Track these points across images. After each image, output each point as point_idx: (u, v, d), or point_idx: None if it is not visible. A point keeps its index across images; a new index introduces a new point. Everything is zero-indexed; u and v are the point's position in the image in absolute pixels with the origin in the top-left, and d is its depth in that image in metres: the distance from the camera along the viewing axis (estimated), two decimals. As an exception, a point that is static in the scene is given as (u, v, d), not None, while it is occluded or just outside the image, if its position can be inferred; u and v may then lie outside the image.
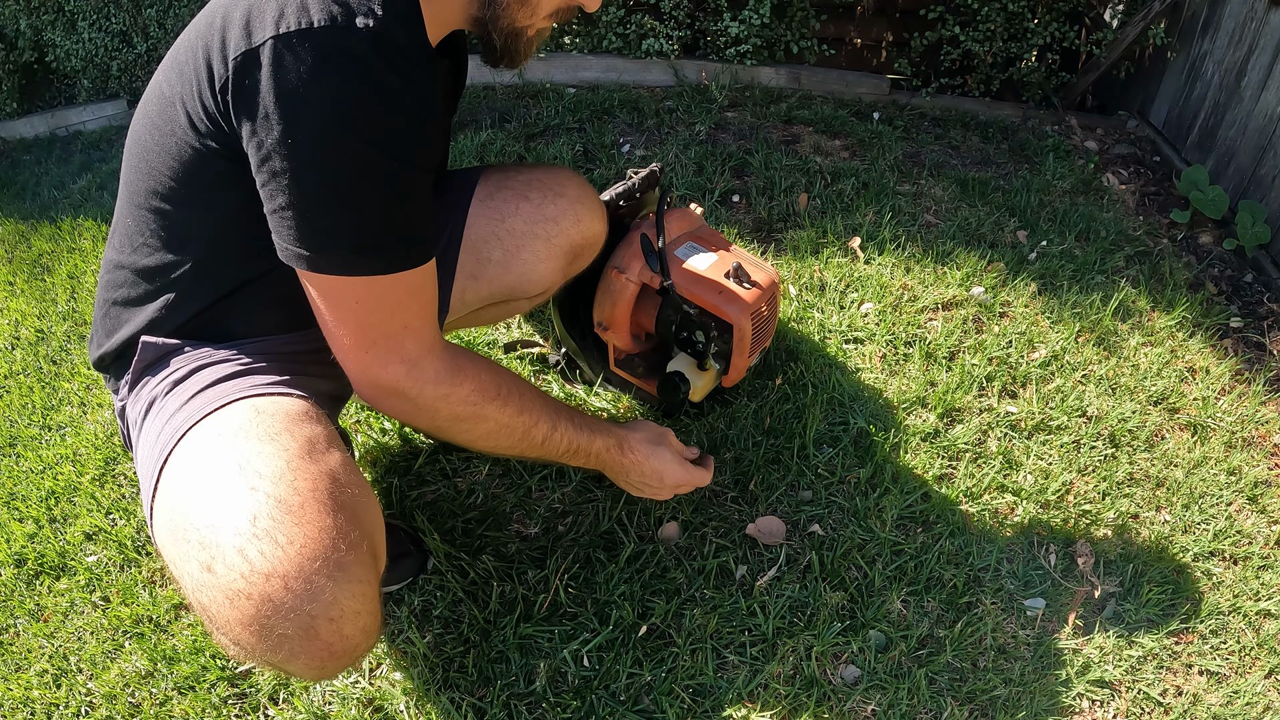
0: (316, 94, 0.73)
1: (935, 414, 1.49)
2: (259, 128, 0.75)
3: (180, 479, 0.80)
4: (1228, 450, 1.50)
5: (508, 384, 0.98)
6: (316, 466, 0.78)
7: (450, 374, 0.91)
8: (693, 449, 1.25)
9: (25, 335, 1.99)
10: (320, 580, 0.72)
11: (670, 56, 2.62)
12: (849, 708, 1.11)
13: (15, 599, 1.33)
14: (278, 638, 0.72)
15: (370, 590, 0.77)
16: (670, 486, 1.19)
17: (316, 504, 0.75)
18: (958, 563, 1.28)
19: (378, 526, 0.83)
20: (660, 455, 1.15)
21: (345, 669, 0.83)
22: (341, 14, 0.73)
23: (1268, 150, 2.00)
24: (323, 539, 0.73)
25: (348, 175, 0.76)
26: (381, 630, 0.83)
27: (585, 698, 1.11)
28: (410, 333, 0.88)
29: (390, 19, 0.75)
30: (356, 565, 0.75)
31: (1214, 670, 1.20)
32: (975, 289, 1.77)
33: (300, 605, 0.71)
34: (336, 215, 0.78)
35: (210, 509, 0.74)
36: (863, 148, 2.33)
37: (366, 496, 0.82)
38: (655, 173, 1.38)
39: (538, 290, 1.21)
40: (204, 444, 0.81)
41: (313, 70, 0.72)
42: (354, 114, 0.74)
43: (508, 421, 0.97)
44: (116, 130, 3.29)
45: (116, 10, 3.21)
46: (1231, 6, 2.17)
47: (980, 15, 2.48)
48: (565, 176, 1.20)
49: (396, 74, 0.75)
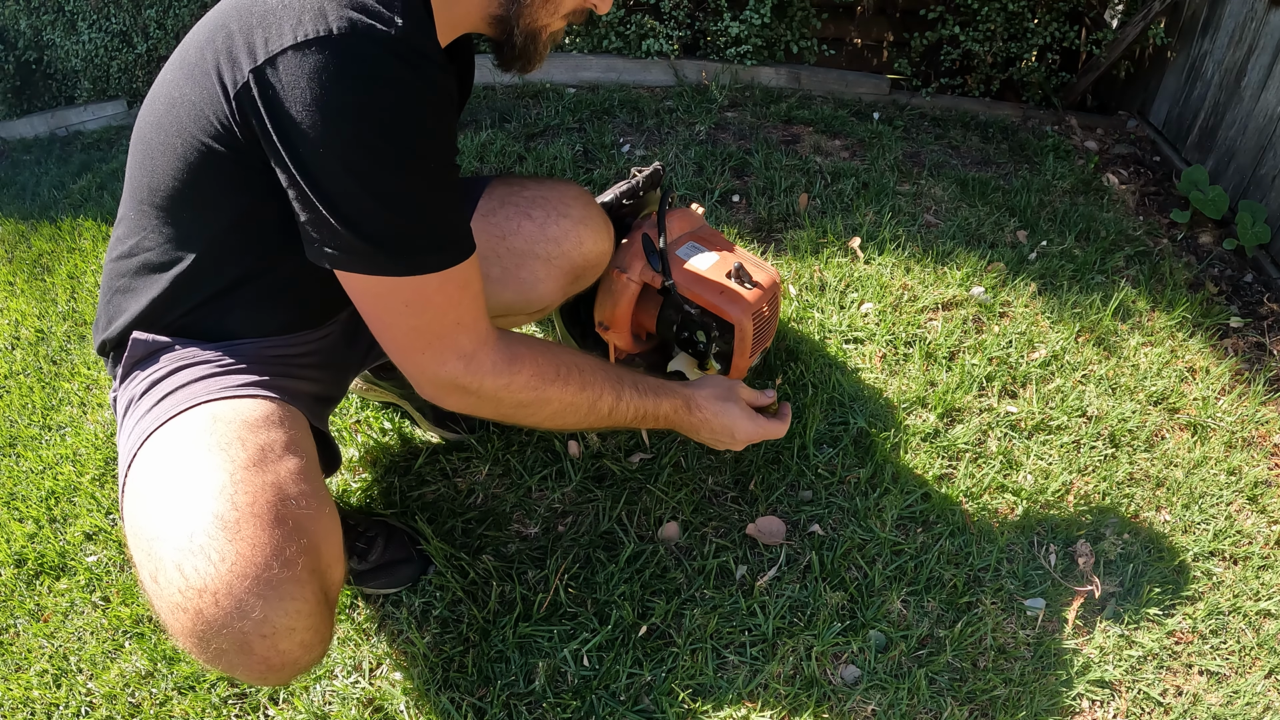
0: (343, 101, 0.72)
1: (935, 414, 1.49)
2: (286, 137, 0.74)
3: (137, 485, 0.82)
4: (1228, 450, 1.51)
5: (566, 362, 0.98)
6: (262, 478, 0.79)
7: (508, 363, 0.91)
8: (768, 394, 1.21)
9: (25, 335, 1.99)
10: (249, 599, 0.73)
11: (670, 56, 2.62)
12: (849, 708, 1.11)
13: (15, 599, 1.33)
14: (215, 651, 0.74)
15: (308, 607, 0.77)
16: (742, 440, 1.16)
17: (254, 519, 0.75)
18: (958, 563, 1.28)
19: (328, 537, 0.82)
20: (729, 411, 1.13)
21: (295, 677, 0.83)
22: (361, 21, 0.73)
23: (1268, 150, 2.00)
24: (255, 556, 0.74)
25: (384, 180, 0.76)
26: (328, 642, 0.83)
27: (585, 697, 1.11)
28: (463, 328, 0.88)
29: (409, 25, 0.75)
30: (291, 583, 0.75)
31: (1214, 670, 1.20)
32: (975, 289, 1.77)
33: (231, 622, 0.73)
34: (377, 221, 0.77)
35: (156, 520, 0.77)
36: (863, 148, 2.33)
37: (317, 507, 0.82)
38: (658, 171, 1.38)
39: (536, 308, 1.20)
40: (159, 451, 0.83)
41: (336, 78, 0.72)
42: (382, 119, 0.74)
43: (571, 399, 0.98)
44: (116, 130, 3.29)
45: (116, 10, 3.21)
46: (1231, 6, 2.17)
47: (980, 15, 2.48)
48: (571, 195, 1.18)
49: (420, 77, 0.75)
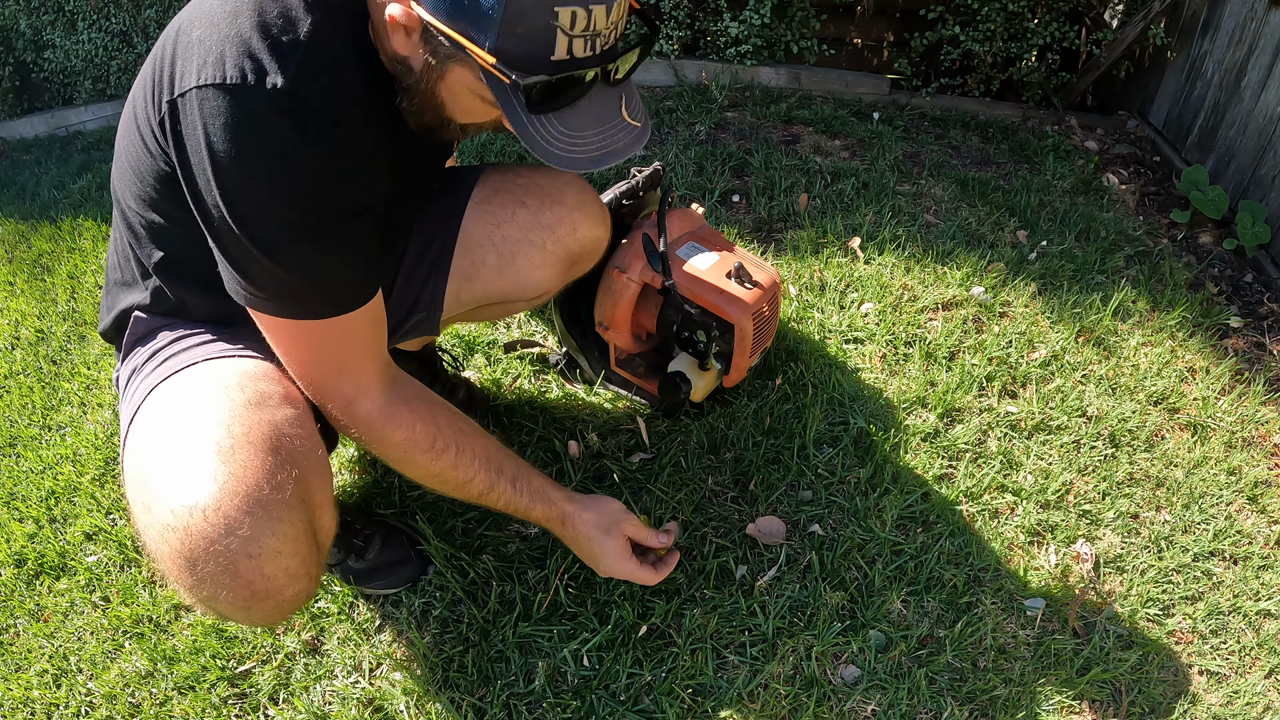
0: (229, 152, 0.74)
1: (935, 414, 1.49)
2: (186, 173, 0.78)
3: (139, 433, 0.86)
4: (1228, 450, 1.50)
5: (448, 437, 0.98)
6: (259, 415, 0.82)
7: (384, 420, 0.94)
8: (663, 536, 1.14)
9: (25, 335, 1.99)
10: (238, 515, 0.75)
11: (670, 56, 2.62)
12: (849, 708, 1.11)
13: (15, 599, 1.33)
14: (201, 575, 0.76)
15: (294, 531, 0.79)
16: (604, 573, 1.13)
17: (249, 445, 0.78)
18: (958, 563, 1.28)
19: (319, 477, 0.85)
20: (601, 542, 1.08)
21: (280, 615, 0.84)
22: (253, 72, 0.74)
23: (1268, 150, 2.00)
24: (247, 477, 0.76)
25: (262, 230, 0.78)
26: (314, 581, 0.85)
27: (585, 697, 1.11)
28: (345, 373, 0.91)
29: (299, 79, 0.75)
30: (280, 506, 0.78)
31: (1214, 670, 1.20)
32: (975, 289, 1.77)
33: (219, 538, 0.75)
34: (260, 269, 0.80)
35: (155, 455, 0.81)
36: (863, 148, 2.33)
37: (310, 448, 0.85)
38: (658, 171, 1.38)
39: (534, 295, 1.21)
40: (162, 400, 0.87)
41: (224, 128, 0.74)
42: (262, 174, 0.76)
43: (439, 473, 0.99)
44: (116, 130, 3.29)
45: (116, 10, 3.21)
46: (1231, 6, 2.17)
47: (980, 15, 2.48)
48: (565, 181, 1.18)
49: (302, 133, 0.76)
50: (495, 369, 1.60)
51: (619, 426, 1.47)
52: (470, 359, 1.63)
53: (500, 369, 1.60)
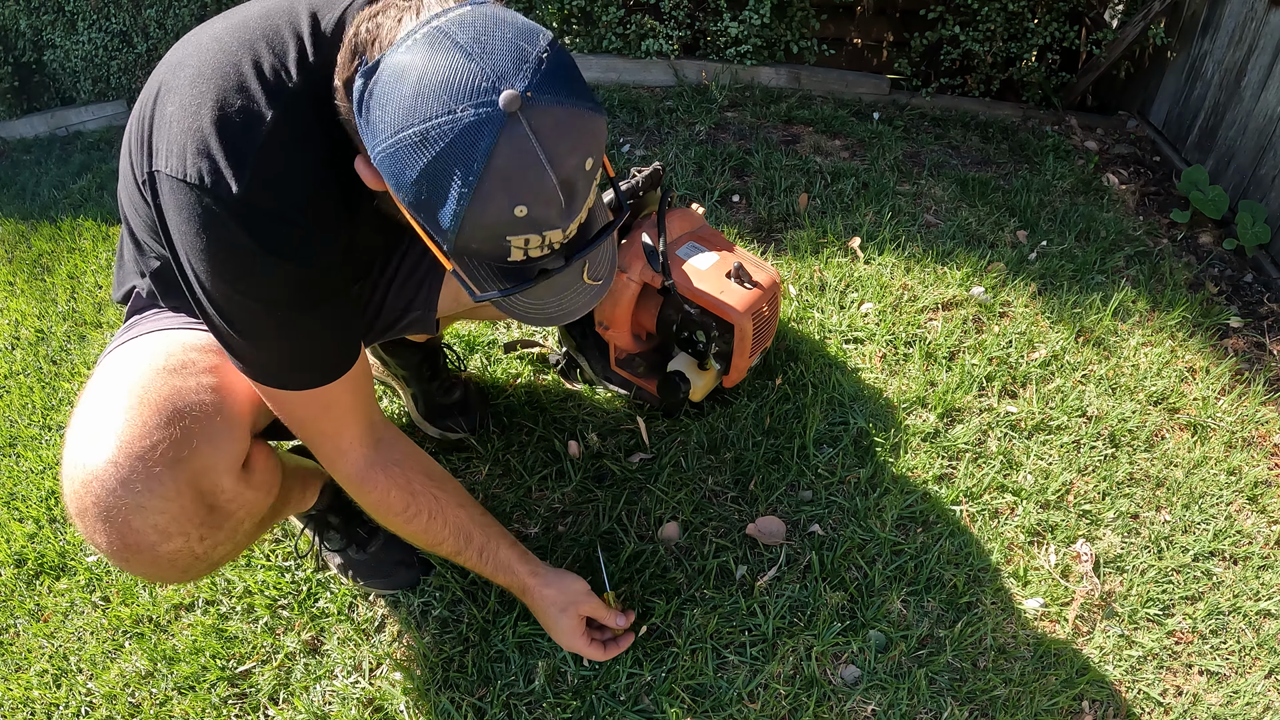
0: (194, 245, 0.77)
1: (935, 414, 1.49)
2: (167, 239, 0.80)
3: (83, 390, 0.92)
4: (1228, 450, 1.50)
5: (420, 503, 1.02)
6: (169, 380, 0.86)
7: (359, 482, 0.99)
8: (621, 619, 1.14)
9: (25, 335, 1.99)
10: (115, 470, 0.80)
11: (670, 56, 2.62)
12: (849, 708, 1.11)
13: (15, 599, 1.33)
14: (88, 523, 0.82)
15: (165, 490, 0.82)
16: (561, 645, 1.15)
17: (144, 406, 0.83)
18: (958, 563, 1.28)
19: (215, 443, 0.87)
20: (556, 619, 1.11)
21: (168, 573, 0.88)
22: (210, 174, 0.74)
23: (1268, 150, 2.00)
24: (133, 435, 0.81)
25: (230, 314, 0.81)
26: (194, 542, 0.86)
27: (585, 697, 1.11)
28: (324, 437, 0.96)
29: (253, 186, 0.75)
30: (156, 464, 0.81)
31: (1214, 670, 1.20)
32: (975, 289, 1.77)
33: (101, 491, 0.80)
34: (229, 338, 0.83)
35: (75, 410, 0.87)
36: (863, 148, 2.33)
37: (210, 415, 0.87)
38: (658, 171, 1.38)
39: None
40: (107, 363, 0.92)
41: (189, 222, 0.77)
42: (226, 274, 0.78)
43: (411, 534, 1.05)
44: (116, 130, 3.29)
45: (116, 10, 3.21)
46: (1231, 6, 2.17)
47: (980, 15, 2.48)
48: None
49: (259, 241, 0.77)
50: (495, 369, 1.60)
51: (619, 426, 1.47)
52: (470, 359, 1.63)
53: (500, 369, 1.60)
